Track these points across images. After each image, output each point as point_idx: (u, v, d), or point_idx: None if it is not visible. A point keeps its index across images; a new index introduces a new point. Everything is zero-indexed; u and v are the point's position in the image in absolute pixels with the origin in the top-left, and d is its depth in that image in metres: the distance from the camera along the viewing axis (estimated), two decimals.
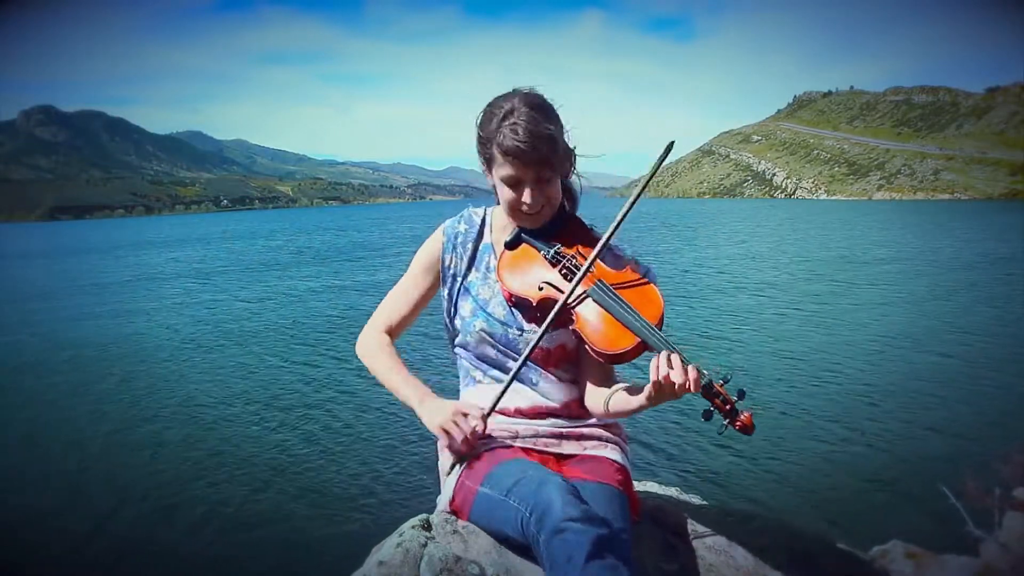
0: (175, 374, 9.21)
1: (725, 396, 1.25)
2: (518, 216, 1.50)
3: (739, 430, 1.25)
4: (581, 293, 1.41)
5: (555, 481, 1.26)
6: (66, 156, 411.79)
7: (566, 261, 1.46)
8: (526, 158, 1.38)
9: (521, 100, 1.41)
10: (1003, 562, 2.31)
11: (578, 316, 1.40)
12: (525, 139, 1.37)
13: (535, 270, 1.49)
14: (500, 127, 1.40)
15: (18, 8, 48.24)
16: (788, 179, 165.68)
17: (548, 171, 1.42)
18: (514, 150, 1.38)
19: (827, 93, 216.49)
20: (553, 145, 1.39)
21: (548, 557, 1.17)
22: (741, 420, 1.24)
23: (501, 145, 1.39)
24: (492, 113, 1.44)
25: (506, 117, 1.40)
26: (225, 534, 4.76)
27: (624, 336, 1.34)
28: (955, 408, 6.80)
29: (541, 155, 1.38)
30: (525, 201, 1.45)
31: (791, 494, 5.09)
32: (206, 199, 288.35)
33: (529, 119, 1.38)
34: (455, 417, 1.38)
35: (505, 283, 1.50)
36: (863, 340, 9.84)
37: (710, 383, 1.25)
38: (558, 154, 1.42)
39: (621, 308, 1.36)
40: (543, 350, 1.52)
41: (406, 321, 1.64)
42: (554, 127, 1.41)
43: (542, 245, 1.51)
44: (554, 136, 1.40)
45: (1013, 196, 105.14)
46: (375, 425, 6.76)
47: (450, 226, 1.63)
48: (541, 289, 1.45)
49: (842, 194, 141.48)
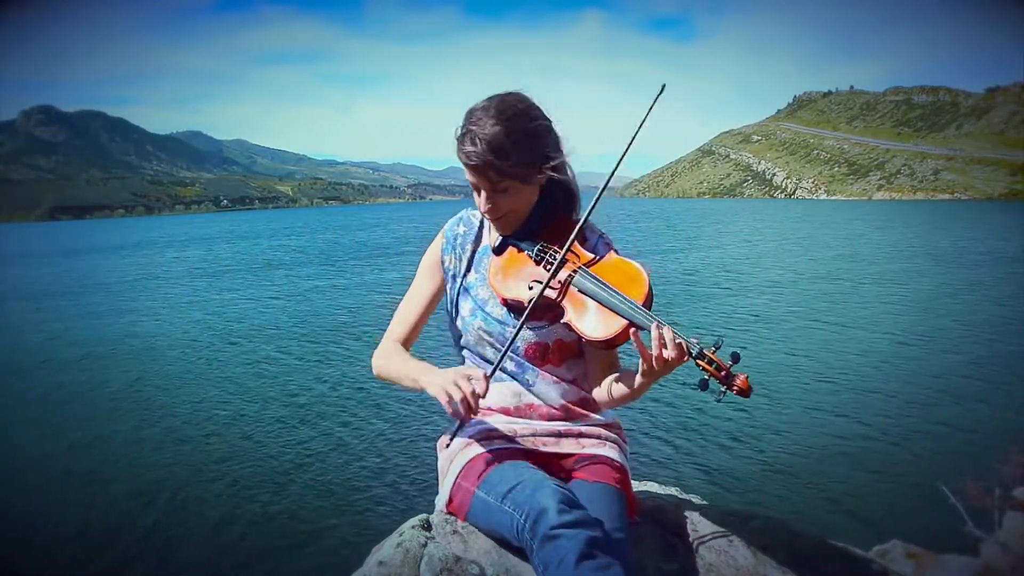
0: (174, 374, 9.21)
1: (719, 362, 1.25)
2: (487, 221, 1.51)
3: (737, 394, 1.24)
4: (565, 279, 1.41)
5: (550, 487, 1.26)
6: (66, 156, 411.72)
7: (548, 256, 1.46)
8: (472, 167, 1.38)
9: (485, 106, 1.39)
10: (1003, 562, 2.31)
11: (567, 308, 1.41)
12: (470, 148, 1.35)
13: (523, 271, 1.49)
14: (461, 136, 1.39)
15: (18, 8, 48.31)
16: (788, 179, 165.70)
17: (500, 179, 1.39)
18: (462, 158, 1.38)
19: (827, 93, 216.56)
20: (504, 154, 1.35)
21: (541, 562, 1.18)
22: (737, 384, 1.23)
23: (458, 152, 1.39)
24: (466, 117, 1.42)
25: (465, 124, 1.39)
26: (225, 534, 4.76)
27: (612, 320, 1.34)
28: (955, 408, 6.81)
29: (487, 163, 1.35)
30: (481, 208, 1.46)
31: (791, 494, 5.09)
32: (206, 199, 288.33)
33: (481, 127, 1.35)
34: (456, 379, 1.36)
35: (498, 291, 1.50)
36: (863, 340, 9.85)
37: (701, 351, 1.26)
38: (511, 162, 1.36)
39: (605, 292, 1.37)
40: (540, 345, 1.52)
41: (416, 328, 1.65)
42: (513, 135, 1.36)
43: (527, 245, 1.50)
44: (505, 145, 1.35)
45: (1013, 196, 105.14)
46: (375, 425, 6.76)
47: (449, 228, 1.64)
48: (531, 288, 1.45)
49: (842, 194, 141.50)
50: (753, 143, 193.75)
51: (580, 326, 1.38)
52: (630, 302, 1.34)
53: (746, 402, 7.06)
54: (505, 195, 1.42)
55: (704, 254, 23.24)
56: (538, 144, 1.41)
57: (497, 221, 1.49)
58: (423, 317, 1.65)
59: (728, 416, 6.66)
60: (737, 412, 6.75)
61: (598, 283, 1.38)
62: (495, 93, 1.44)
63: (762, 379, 7.93)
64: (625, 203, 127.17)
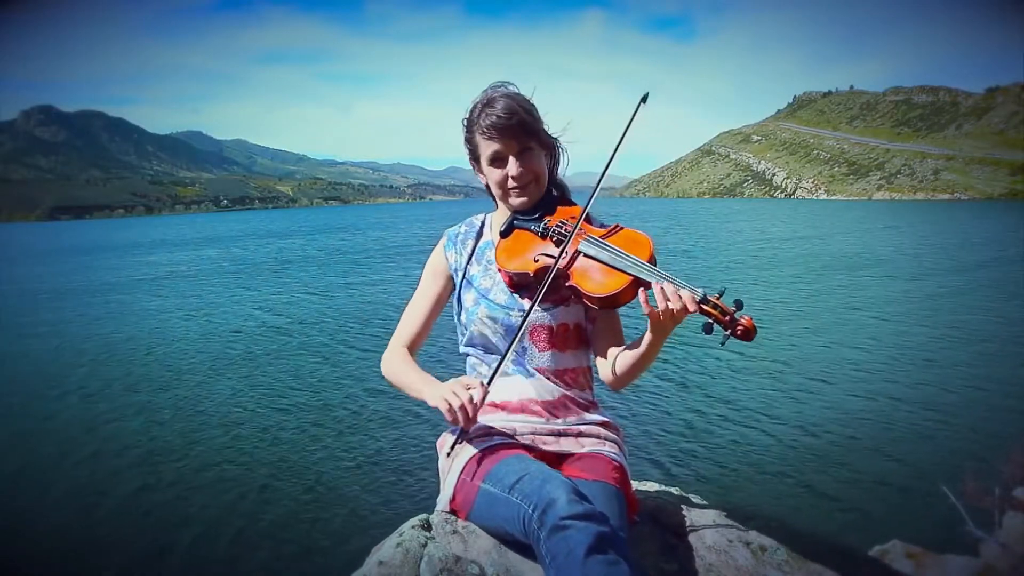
0: (172, 374, 9.21)
1: (723, 307, 1.27)
2: (509, 195, 1.57)
3: (741, 336, 1.26)
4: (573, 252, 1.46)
5: (559, 478, 1.27)
6: (66, 156, 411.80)
7: (555, 229, 1.53)
8: (505, 129, 1.49)
9: (494, 88, 1.56)
10: (1003, 562, 2.31)
11: (573, 272, 1.45)
12: (503, 112, 1.49)
13: (530, 248, 1.54)
14: (480, 112, 1.53)
15: (18, 8, 48.30)
16: (788, 179, 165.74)
17: (529, 140, 1.52)
18: (494, 123, 1.49)
19: (827, 93, 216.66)
20: (530, 116, 1.51)
21: (549, 552, 1.18)
22: (742, 325, 1.26)
23: (481, 126, 1.51)
24: (472, 109, 1.56)
25: (483, 103, 1.53)
26: (224, 534, 4.75)
27: (617, 278, 1.39)
28: (955, 408, 6.80)
29: (520, 123, 1.49)
30: (511, 174, 1.53)
31: (791, 494, 5.09)
32: (206, 199, 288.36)
33: (504, 96, 1.52)
34: (454, 387, 1.40)
35: (502, 265, 1.56)
36: (862, 340, 9.85)
37: (705, 297, 1.29)
38: (536, 124, 1.53)
39: (611, 253, 1.42)
40: (546, 328, 1.55)
41: (424, 330, 1.69)
42: (527, 103, 1.53)
43: (533, 224, 1.57)
44: (529, 110, 1.52)
45: (1013, 196, 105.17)
46: (375, 426, 6.76)
47: (451, 230, 1.73)
48: (536, 260, 1.50)
49: (842, 194, 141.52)
50: (753, 143, 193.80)
51: (585, 286, 1.42)
52: (634, 259, 1.38)
53: (746, 402, 7.07)
54: (531, 156, 1.53)
55: (705, 252, 23.25)
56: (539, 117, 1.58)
57: (523, 189, 1.56)
58: (430, 319, 1.69)
59: (728, 416, 6.66)
60: (738, 412, 6.75)
61: (604, 246, 1.44)
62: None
63: (762, 379, 7.93)
64: (626, 203, 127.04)
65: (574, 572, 1.13)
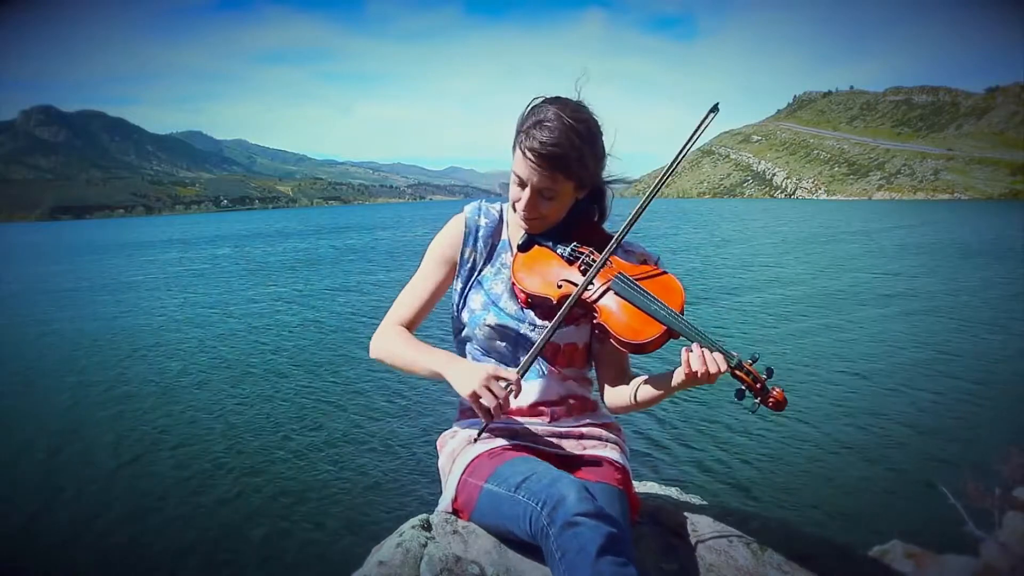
0: (169, 374, 9.20)
1: (756, 375, 1.27)
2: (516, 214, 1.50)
3: (772, 407, 1.27)
4: (602, 286, 1.41)
5: (568, 477, 1.27)
6: (66, 156, 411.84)
7: (584, 258, 1.46)
8: (539, 161, 1.37)
9: (566, 110, 1.39)
10: (1003, 562, 2.31)
11: (601, 309, 1.40)
12: (544, 140, 1.35)
13: (553, 270, 1.48)
14: (534, 125, 1.38)
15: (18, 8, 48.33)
16: (788, 179, 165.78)
17: (556, 185, 1.40)
18: (532, 147, 1.37)
19: (827, 93, 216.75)
20: (567, 164, 1.37)
21: (559, 548, 1.17)
22: (773, 396, 1.26)
23: (524, 141, 1.39)
24: (536, 109, 1.42)
25: (543, 118, 1.38)
26: (224, 533, 4.75)
27: (650, 325, 1.35)
28: (955, 408, 6.81)
29: (556, 162, 1.37)
30: (520, 205, 1.45)
31: (791, 494, 5.09)
32: (206, 199, 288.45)
33: (561, 131, 1.36)
34: (488, 382, 1.34)
35: (522, 285, 1.48)
36: (862, 340, 9.84)
37: (740, 363, 1.27)
38: (571, 173, 1.39)
39: (644, 298, 1.37)
40: (553, 345, 1.51)
41: (421, 314, 1.60)
42: (582, 150, 1.38)
43: (558, 245, 1.50)
44: (572, 157, 1.37)
45: (1013, 196, 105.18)
46: (375, 425, 6.76)
47: (471, 218, 1.60)
48: (560, 287, 1.44)
49: (842, 194, 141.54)
50: (753, 143, 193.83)
51: (615, 328, 1.38)
52: (669, 309, 1.35)
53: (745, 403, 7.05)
54: (551, 199, 1.43)
55: (700, 254, 23.24)
56: (599, 156, 1.45)
57: (527, 221, 1.48)
58: (430, 304, 1.60)
59: (728, 417, 6.66)
60: (737, 412, 6.75)
61: (638, 289, 1.39)
62: (558, 96, 1.44)
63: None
64: (626, 203, 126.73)
65: (585, 569, 1.12)
